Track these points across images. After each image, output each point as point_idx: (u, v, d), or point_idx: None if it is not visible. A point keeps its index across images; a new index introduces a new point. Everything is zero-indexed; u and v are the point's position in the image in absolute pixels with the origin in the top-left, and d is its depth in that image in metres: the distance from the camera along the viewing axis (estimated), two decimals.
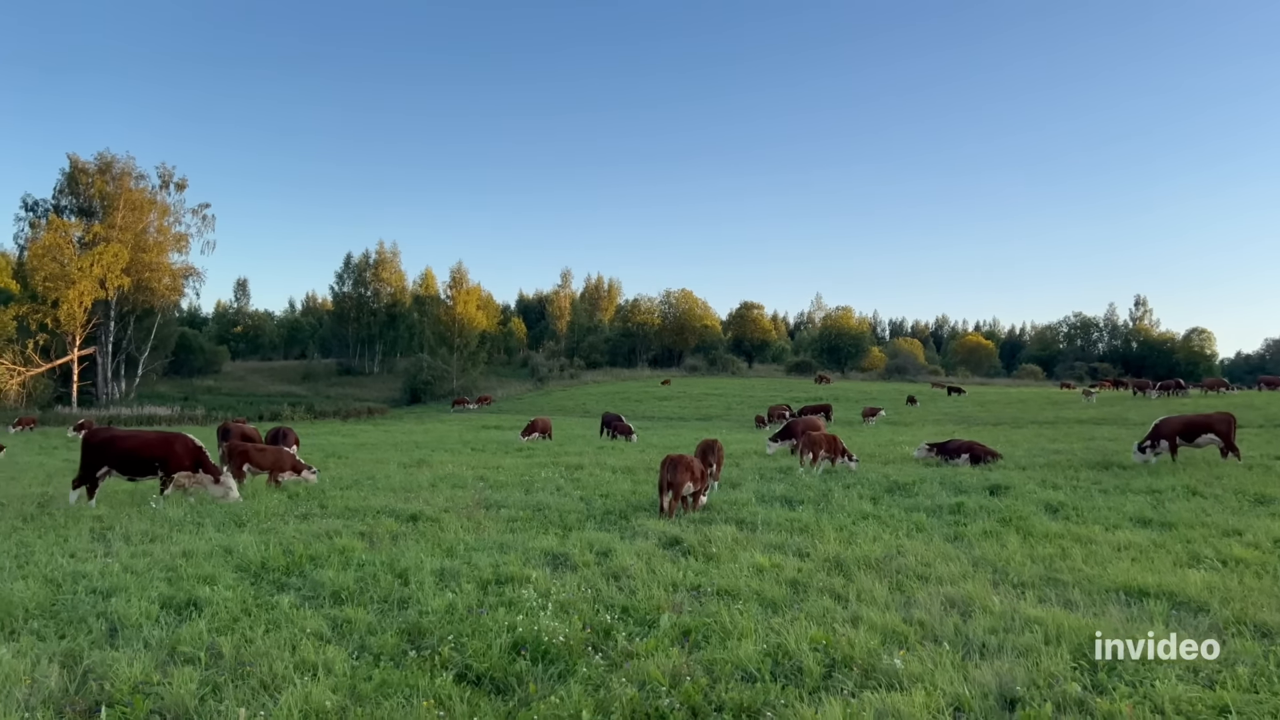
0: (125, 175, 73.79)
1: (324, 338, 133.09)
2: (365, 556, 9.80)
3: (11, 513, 13.23)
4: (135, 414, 59.12)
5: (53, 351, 69.84)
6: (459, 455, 27.71)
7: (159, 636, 6.62)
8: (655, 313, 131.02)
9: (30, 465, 22.96)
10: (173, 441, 15.01)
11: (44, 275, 67.08)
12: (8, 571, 8.86)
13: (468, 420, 60.16)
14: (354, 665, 6.08)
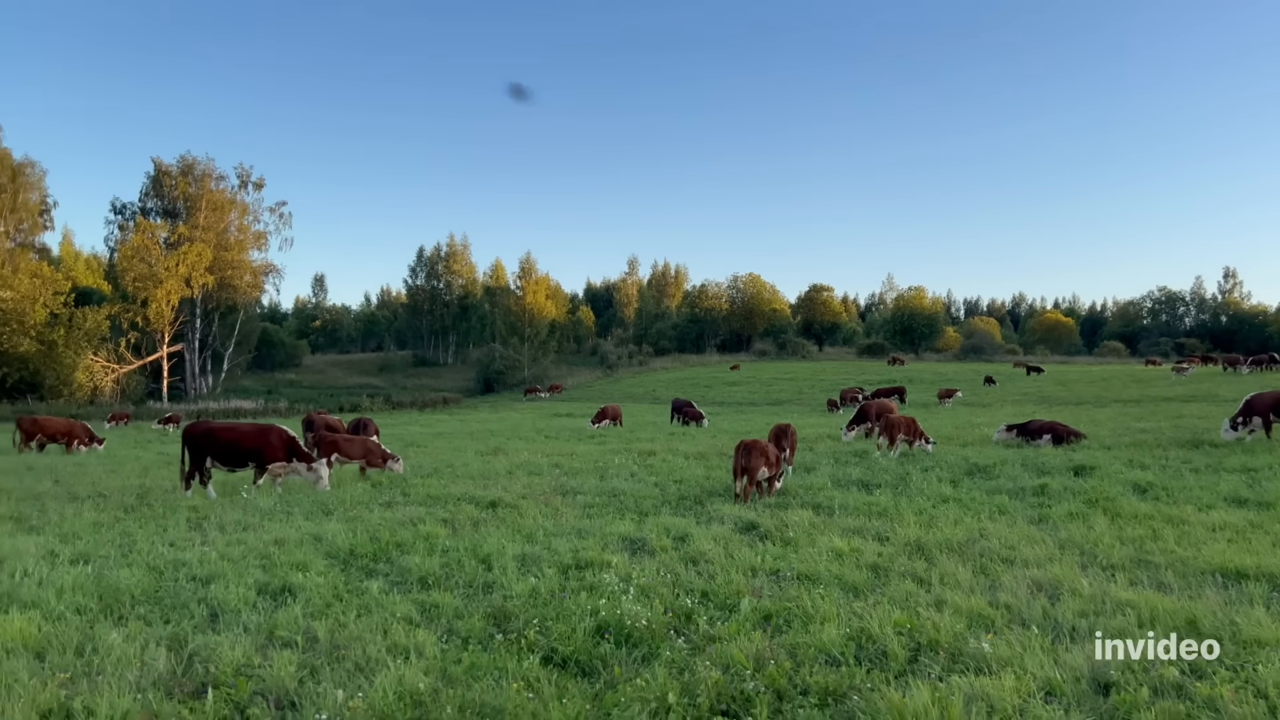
0: (206, 176, 76.16)
1: (399, 330, 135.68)
2: (449, 542, 10.03)
3: (114, 504, 13.83)
4: (222, 407, 61.16)
5: (144, 349, 72.64)
6: (533, 443, 28.06)
7: (257, 621, 6.87)
8: (723, 298, 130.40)
9: (127, 459, 23.94)
10: (268, 433, 15.54)
11: (133, 276, 69.72)
12: (113, 560, 9.28)
13: (540, 408, 60.80)
14: (443, 648, 6.24)
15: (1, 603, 7.42)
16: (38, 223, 71.97)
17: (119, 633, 6.41)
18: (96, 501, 14.13)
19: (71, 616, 6.93)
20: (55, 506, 13.47)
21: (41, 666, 5.78)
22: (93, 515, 12.47)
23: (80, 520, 11.98)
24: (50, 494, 15.22)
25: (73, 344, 61.68)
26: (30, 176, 69.63)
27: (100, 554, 9.58)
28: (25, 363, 58.72)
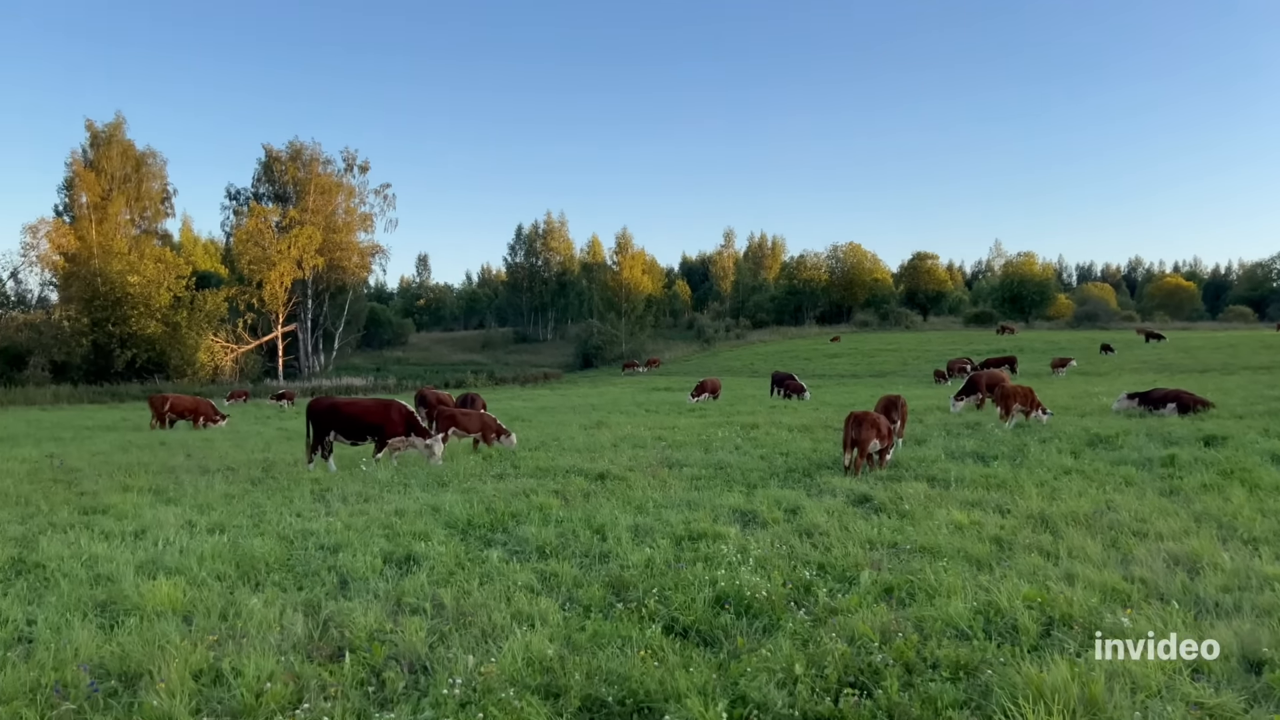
0: (314, 161, 78.61)
1: (500, 307, 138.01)
2: (562, 513, 10.17)
3: (242, 477, 14.48)
4: (334, 385, 63.30)
5: (260, 329, 75.73)
6: (634, 417, 28.20)
7: (385, 589, 7.09)
8: (822, 268, 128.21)
9: (250, 434, 25.03)
10: (389, 408, 16.03)
11: (248, 259, 72.65)
12: (246, 530, 9.71)
13: (638, 383, 61.11)
14: (565, 616, 6.32)
15: (149, 569, 7.84)
16: (160, 210, 75.60)
17: (258, 598, 6.70)
18: (226, 474, 14.82)
19: (213, 582, 7.27)
20: (189, 479, 14.16)
21: (189, 629, 6.08)
22: (223, 487, 13.09)
23: (212, 492, 12.58)
24: (183, 467, 16.01)
25: (194, 325, 64.62)
26: (152, 166, 73.16)
27: (234, 524, 10.04)
28: (152, 344, 61.80)
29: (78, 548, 8.50)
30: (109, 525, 9.89)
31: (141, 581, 7.09)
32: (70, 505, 11.48)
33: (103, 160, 69.19)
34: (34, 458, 17.82)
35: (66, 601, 6.66)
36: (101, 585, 7.19)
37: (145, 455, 18.24)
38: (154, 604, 6.54)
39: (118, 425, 30.13)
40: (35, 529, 9.82)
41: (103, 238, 66.45)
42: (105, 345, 60.88)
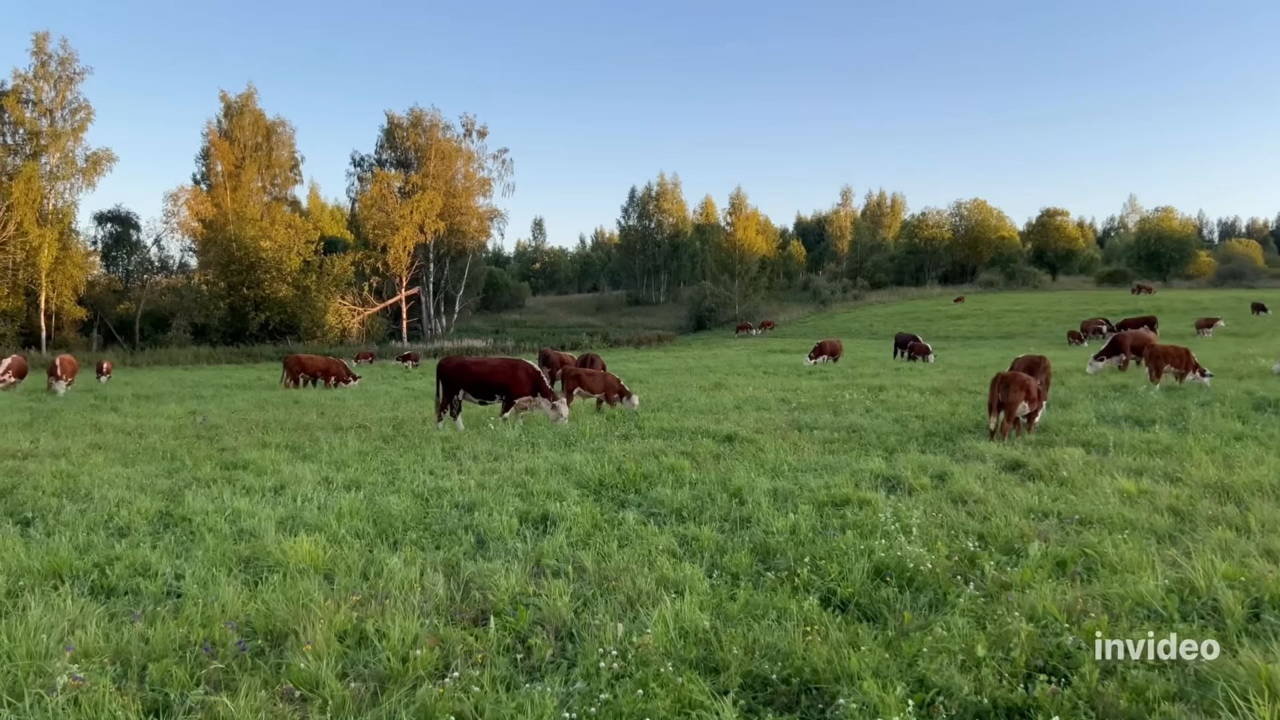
0: (434, 127, 79.89)
1: (613, 270, 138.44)
2: (695, 475, 9.85)
3: (374, 435, 14.70)
4: (455, 346, 64.80)
5: (384, 293, 77.95)
6: (752, 379, 27.69)
7: (523, 549, 6.91)
8: (944, 226, 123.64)
9: (378, 393, 25.63)
10: (517, 368, 16.04)
11: (373, 224, 74.65)
12: (381, 487, 9.73)
13: (752, 345, 60.34)
14: (713, 584, 5.98)
15: (290, 525, 7.89)
16: (289, 177, 78.41)
17: (397, 558, 6.59)
18: (358, 432, 15.07)
19: (352, 540, 7.23)
20: (323, 436, 14.45)
21: (331, 588, 6.01)
22: (356, 445, 13.27)
23: (346, 449, 12.75)
24: (317, 425, 16.39)
25: (323, 289, 67.03)
26: (282, 134, 75.83)
27: (369, 481, 10.09)
28: (284, 307, 64.47)
29: (221, 503, 8.64)
30: (249, 481, 10.08)
31: (283, 538, 7.10)
32: (213, 460, 11.81)
33: (235, 129, 72.06)
34: (178, 414, 18.58)
35: (212, 556, 6.70)
36: (245, 541, 7.24)
37: (280, 413, 18.79)
38: (296, 561, 6.50)
39: (253, 384, 31.37)
40: (181, 483, 10.09)
41: (237, 204, 69.34)
42: (241, 308, 63.81)
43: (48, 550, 6.81)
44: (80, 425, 16.39)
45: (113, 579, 6.18)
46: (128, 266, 77.69)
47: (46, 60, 59.91)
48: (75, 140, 61.71)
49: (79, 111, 61.67)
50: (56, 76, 60.28)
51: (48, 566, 6.38)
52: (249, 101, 73.41)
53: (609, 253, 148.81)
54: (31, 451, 12.72)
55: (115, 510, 8.31)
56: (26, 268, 58.74)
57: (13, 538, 7.28)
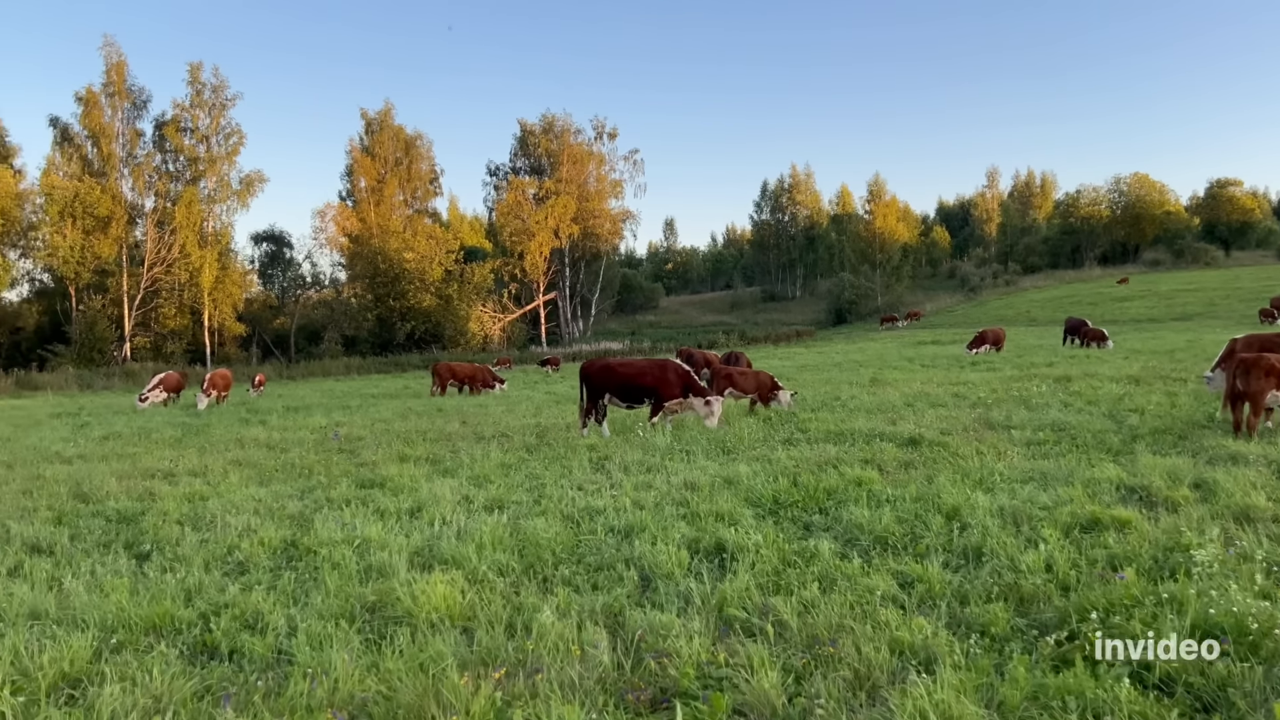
0: (566, 132, 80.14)
1: (746, 267, 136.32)
2: (890, 491, 8.25)
3: (517, 444, 13.71)
4: (593, 349, 64.48)
5: (523, 298, 78.71)
6: (909, 372, 25.65)
7: (699, 593, 5.55)
8: (1102, 203, 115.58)
9: (520, 399, 24.95)
10: (665, 368, 14.78)
11: (510, 231, 75.47)
12: (526, 507, 8.60)
13: (899, 337, 57.50)
14: (967, 651, 4.45)
15: (423, 557, 6.81)
16: (429, 190, 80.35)
17: (549, 606, 5.35)
18: (501, 441, 14.13)
19: (494, 578, 6.06)
20: (465, 447, 13.57)
21: (470, 648, 4.81)
22: (499, 456, 12.27)
23: (488, 461, 11.76)
24: (459, 434, 15.60)
25: (464, 297, 68.03)
26: (420, 148, 77.69)
27: (513, 499, 8.97)
28: (428, 316, 65.75)
29: (350, 530, 7.65)
30: (384, 502, 9.12)
31: (415, 577, 5.97)
32: (349, 478, 11.00)
33: (376, 145, 74.24)
34: (322, 426, 18.22)
35: (332, 604, 5.63)
36: (372, 581, 6.16)
37: (423, 422, 18.18)
38: (429, 609, 5.35)
39: (399, 393, 31.37)
40: (312, 505, 9.24)
41: (380, 218, 71.38)
42: (388, 319, 65.41)
43: (153, 595, 5.91)
44: (225, 440, 16.12)
45: (217, 635, 5.18)
46: (282, 283, 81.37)
47: (201, 89, 62.98)
48: (230, 164, 64.70)
49: (232, 136, 64.60)
50: (210, 104, 63.28)
51: (148, 618, 5.45)
52: (388, 117, 75.48)
53: (741, 249, 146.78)
54: (171, 470, 12.28)
55: (237, 542, 7.43)
56: (190, 287, 61.93)
57: (123, 577, 6.45)
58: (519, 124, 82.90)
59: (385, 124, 75.04)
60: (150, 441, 16.48)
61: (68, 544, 7.69)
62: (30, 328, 64.62)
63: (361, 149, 74.68)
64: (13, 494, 10.56)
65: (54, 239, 59.17)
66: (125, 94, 61.67)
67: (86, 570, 6.76)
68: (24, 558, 7.20)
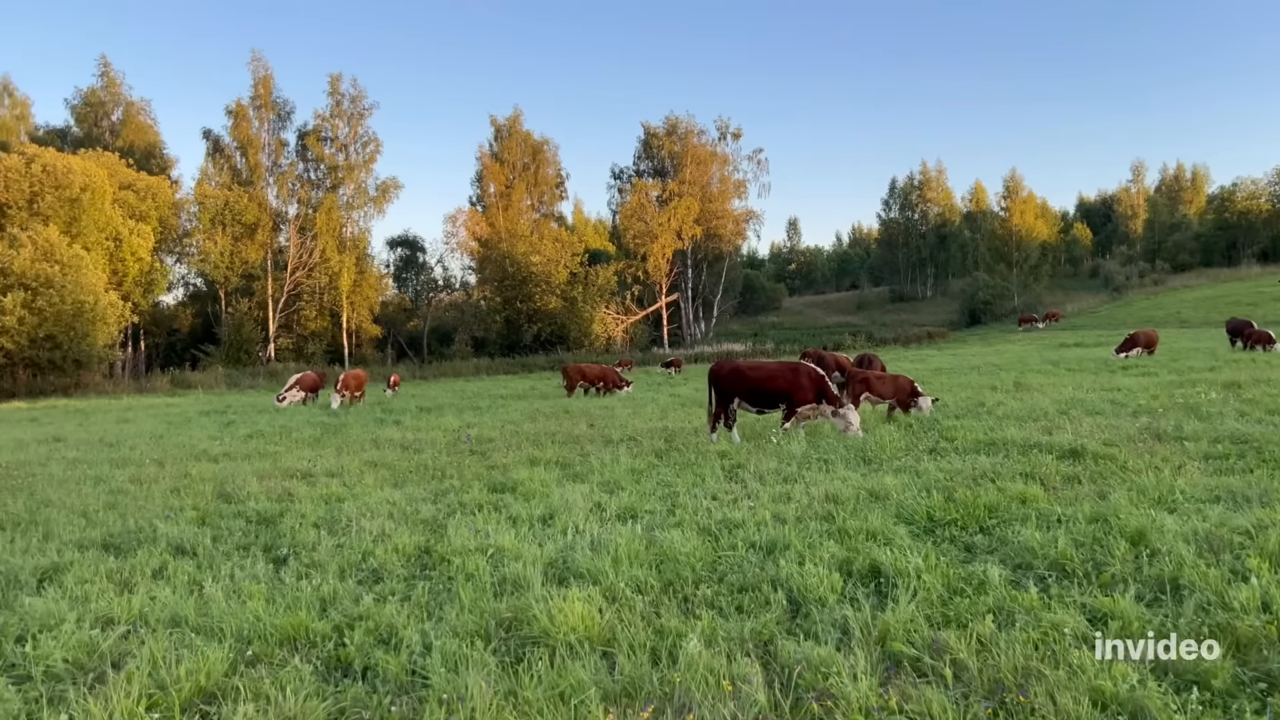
0: (689, 133, 79.99)
1: (873, 266, 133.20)
2: (1057, 508, 7.50)
3: (645, 449, 13.42)
4: (715, 351, 64.05)
5: (645, 300, 78.96)
6: (1054, 376, 24.19)
7: (858, 622, 5.05)
8: (1261, 197, 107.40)
9: (645, 400, 24.75)
10: (799, 372, 14.20)
11: (633, 233, 75.84)
12: (660, 516, 8.26)
13: (1038, 339, 54.83)
14: (1188, 707, 3.82)
15: (557, 569, 6.55)
16: (555, 194, 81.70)
17: (694, 631, 4.97)
18: (629, 445, 13.87)
19: (633, 597, 5.71)
20: (594, 450, 13.37)
21: (612, 676, 4.49)
22: (629, 461, 11.99)
23: (618, 467, 11.49)
24: (587, 437, 15.44)
25: (589, 299, 68.74)
26: (547, 153, 79.18)
27: (646, 508, 8.64)
28: (553, 318, 66.75)
29: (483, 538, 7.46)
30: (516, 508, 8.94)
31: (551, 593, 5.69)
32: (480, 481, 10.91)
33: (505, 151, 75.98)
34: (454, 427, 18.40)
35: (466, 620, 5.40)
36: (506, 595, 5.92)
37: (551, 424, 18.14)
38: (566, 629, 5.06)
39: (526, 394, 31.69)
40: (445, 509, 9.15)
41: (508, 222, 72.96)
42: (515, 321, 66.75)
43: (288, 604, 5.84)
44: (361, 440, 16.44)
45: (351, 650, 5.01)
46: (416, 286, 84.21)
47: (340, 99, 65.78)
48: (367, 171, 67.38)
49: (369, 144, 67.23)
50: (349, 114, 66.02)
51: (283, 629, 5.35)
52: (516, 124, 77.10)
53: (868, 248, 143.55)
54: (309, 471, 12.51)
55: (371, 547, 7.35)
56: (330, 291, 64.75)
57: (260, 583, 6.43)
58: (642, 127, 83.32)
59: (514, 130, 76.71)
60: (291, 440, 16.97)
61: (210, 545, 7.79)
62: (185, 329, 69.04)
63: (491, 155, 76.57)
64: (162, 492, 10.93)
65: (206, 245, 63.03)
66: (271, 106, 64.99)
67: (226, 574, 6.79)
68: (169, 559, 7.31)
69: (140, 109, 74.29)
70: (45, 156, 51.25)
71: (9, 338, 44.40)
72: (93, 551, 7.72)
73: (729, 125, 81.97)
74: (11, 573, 6.94)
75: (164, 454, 15.25)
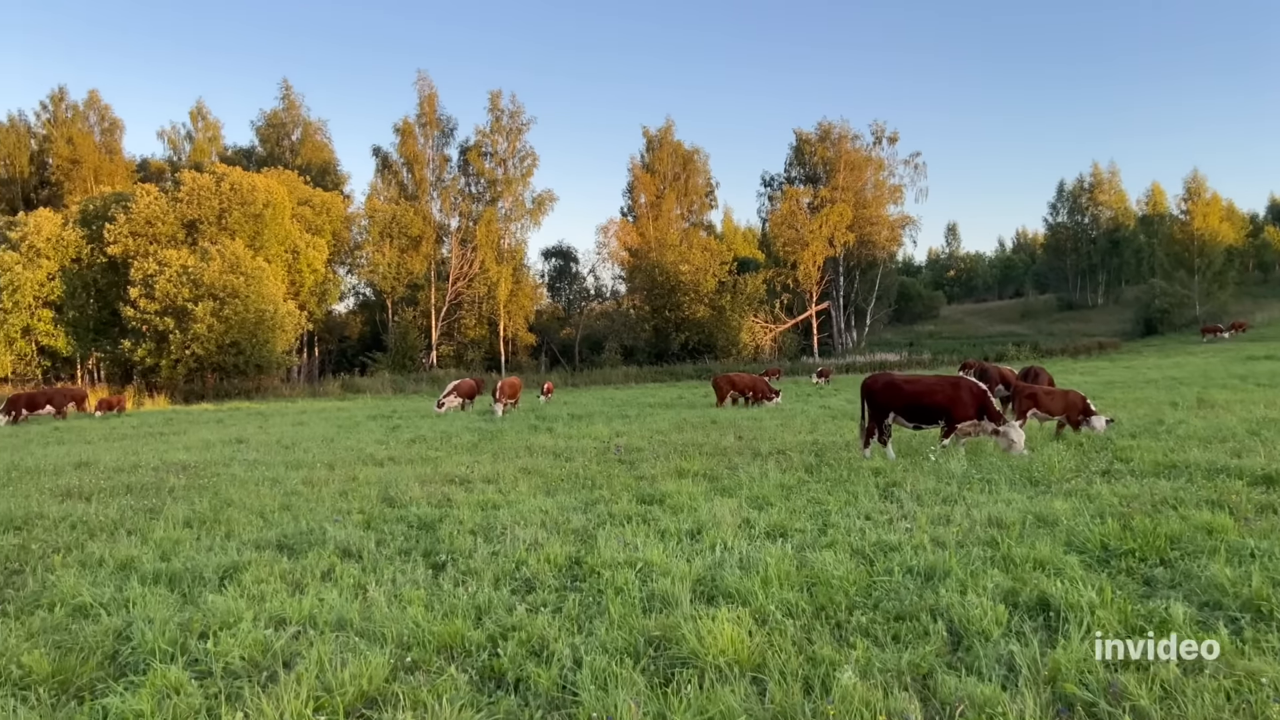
0: (842, 138, 78.63)
1: (1039, 272, 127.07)
2: (1252, 542, 6.82)
3: (795, 463, 13.17)
4: (867, 361, 62.54)
5: (794, 309, 78.04)
6: (1244, 392, 22.40)
7: (1025, 658, 4.75)
8: None
9: (794, 412, 24.35)
10: (959, 386, 13.63)
11: (782, 241, 75.14)
12: (810, 536, 8.06)
13: (1223, 350, 50.87)
14: None
15: (705, 587, 6.48)
16: (704, 203, 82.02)
17: (848, 661, 4.81)
18: (778, 459, 13.66)
19: (783, 620, 5.58)
20: (742, 464, 13.23)
21: (762, 703, 4.39)
22: (778, 476, 11.79)
23: (767, 482, 11.31)
24: (734, 449, 15.31)
25: (737, 308, 68.54)
26: (697, 162, 79.65)
27: (796, 527, 8.46)
28: (701, 327, 66.94)
29: (632, 551, 7.48)
30: (664, 521, 8.93)
31: (699, 612, 5.63)
32: (629, 492, 10.97)
33: (656, 162, 76.95)
34: (604, 436, 18.63)
35: (615, 636, 5.40)
36: (655, 611, 5.90)
37: (698, 435, 18.10)
38: (715, 651, 4.98)
39: (674, 403, 31.78)
40: (595, 520, 9.24)
41: (658, 232, 73.80)
42: (663, 329, 67.36)
43: (446, 612, 6.01)
44: (516, 447, 16.87)
45: (504, 661, 5.10)
46: (568, 295, 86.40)
47: (499, 115, 68.28)
48: (524, 185, 69.64)
49: (526, 159, 69.48)
50: (508, 129, 68.43)
51: (440, 636, 5.50)
52: (668, 134, 77.95)
53: (1033, 254, 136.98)
54: (466, 477, 12.92)
55: (524, 556, 7.50)
56: (488, 300, 67.29)
57: (420, 589, 6.66)
58: (795, 133, 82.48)
59: (665, 140, 77.55)
60: (450, 446, 17.60)
61: (374, 549, 8.12)
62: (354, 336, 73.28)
63: (642, 165, 77.71)
64: (331, 495, 11.52)
65: (375, 257, 66.82)
66: (435, 123, 68.13)
67: (388, 578, 7.06)
68: (336, 561, 7.67)
69: (317, 128, 79.61)
70: (233, 175, 55.45)
71: (199, 344, 48.25)
72: (269, 552, 8.21)
73: (884, 129, 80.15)
74: (197, 570, 7.45)
75: (334, 457, 16.10)
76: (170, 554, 8.20)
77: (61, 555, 8.23)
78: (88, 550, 8.39)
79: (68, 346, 55.08)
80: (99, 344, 55.05)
